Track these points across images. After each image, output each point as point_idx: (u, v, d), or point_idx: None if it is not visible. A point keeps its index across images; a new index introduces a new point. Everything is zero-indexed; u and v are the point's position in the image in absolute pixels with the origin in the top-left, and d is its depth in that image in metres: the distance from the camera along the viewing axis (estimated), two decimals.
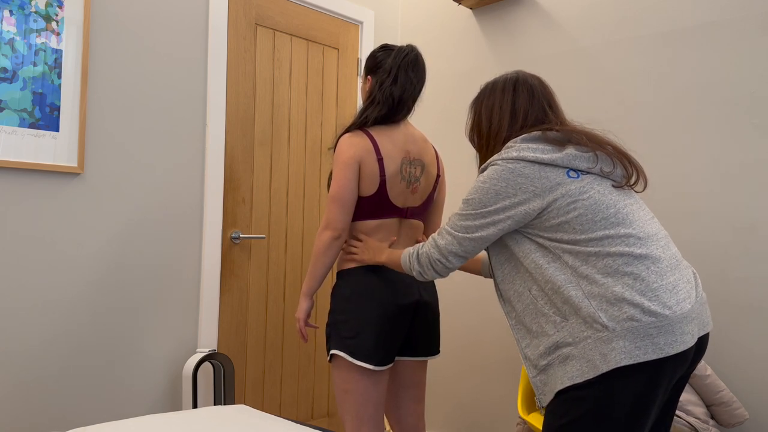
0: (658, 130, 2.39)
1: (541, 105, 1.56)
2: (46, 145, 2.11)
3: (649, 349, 1.29)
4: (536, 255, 1.43)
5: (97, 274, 2.25)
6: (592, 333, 1.32)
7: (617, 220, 1.39)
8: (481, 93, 1.63)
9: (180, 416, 1.71)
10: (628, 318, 1.30)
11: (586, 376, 1.32)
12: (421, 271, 1.61)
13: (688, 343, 1.33)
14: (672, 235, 2.33)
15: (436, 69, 3.19)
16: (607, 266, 1.35)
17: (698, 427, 2.00)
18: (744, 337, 2.16)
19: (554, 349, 1.38)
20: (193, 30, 2.50)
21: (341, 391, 1.87)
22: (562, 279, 1.37)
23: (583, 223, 1.38)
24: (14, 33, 2.04)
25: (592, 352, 1.32)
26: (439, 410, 3.10)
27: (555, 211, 1.40)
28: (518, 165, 1.43)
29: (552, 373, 1.39)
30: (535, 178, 1.42)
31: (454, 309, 3.06)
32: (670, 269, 1.38)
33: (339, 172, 1.84)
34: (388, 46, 1.97)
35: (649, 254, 1.37)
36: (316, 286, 1.91)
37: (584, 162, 1.44)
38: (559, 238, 1.40)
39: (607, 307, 1.32)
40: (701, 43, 2.29)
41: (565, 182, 1.42)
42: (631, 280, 1.33)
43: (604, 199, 1.41)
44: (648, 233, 1.41)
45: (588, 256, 1.37)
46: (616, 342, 1.30)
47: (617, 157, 1.48)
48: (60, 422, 2.17)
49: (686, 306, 1.35)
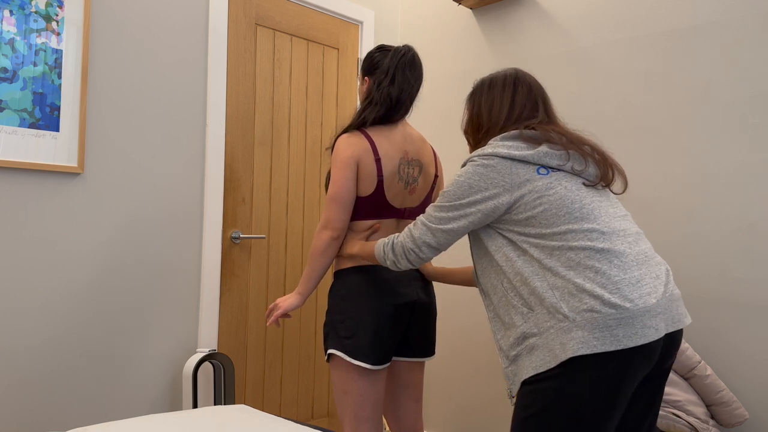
0: (658, 130, 2.39)
1: (535, 101, 1.62)
2: (46, 145, 2.11)
3: (607, 340, 1.32)
4: (507, 249, 1.48)
5: (97, 274, 2.25)
6: (555, 323, 1.36)
7: (581, 215, 1.43)
8: (479, 87, 1.68)
9: (180, 416, 1.71)
10: (588, 309, 1.33)
11: (547, 365, 1.36)
12: (395, 260, 1.65)
13: (650, 336, 1.34)
14: (672, 234, 2.33)
15: (436, 69, 3.19)
16: (569, 259, 1.39)
17: (698, 427, 2.00)
18: (744, 337, 2.16)
19: (522, 339, 1.42)
20: (193, 30, 2.50)
21: (339, 390, 1.87)
22: (529, 271, 1.42)
23: (548, 218, 1.43)
24: (14, 33, 2.04)
25: (554, 342, 1.36)
26: (437, 411, 3.10)
27: (523, 206, 1.46)
28: (492, 161, 1.49)
29: (520, 363, 1.43)
30: (506, 173, 1.48)
31: (453, 310, 3.06)
32: (635, 264, 1.40)
33: (337, 172, 1.85)
34: (385, 47, 1.97)
35: (612, 249, 1.40)
36: (313, 286, 1.91)
37: (555, 159, 1.49)
38: (527, 232, 1.45)
39: (569, 298, 1.36)
40: (701, 43, 2.29)
41: (534, 178, 1.47)
42: (593, 273, 1.37)
43: (570, 195, 1.45)
44: (613, 229, 1.44)
45: (552, 250, 1.41)
46: (575, 332, 1.33)
47: (593, 157, 1.52)
48: (60, 422, 2.17)
49: (650, 300, 1.36)
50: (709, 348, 2.24)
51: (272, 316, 1.91)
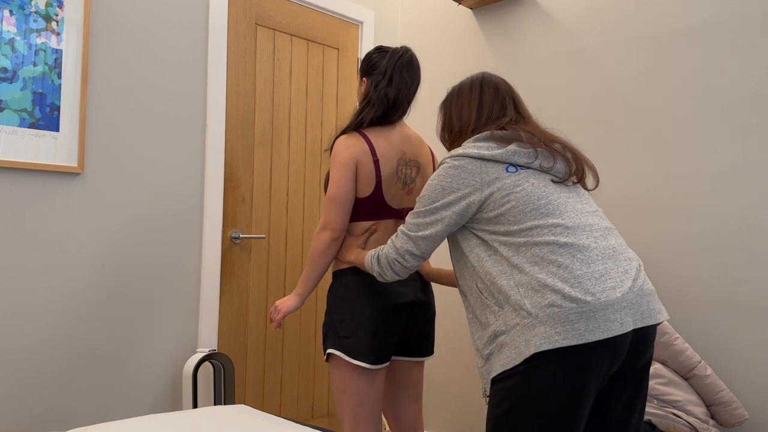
0: (658, 130, 2.39)
1: (503, 100, 1.65)
2: (46, 145, 2.11)
3: (569, 335, 1.32)
4: (479, 249, 1.50)
5: (96, 274, 2.25)
6: (520, 320, 1.37)
7: (547, 210, 1.45)
8: (451, 94, 1.73)
9: (180, 416, 1.71)
10: (549, 304, 1.34)
11: (513, 362, 1.36)
12: (380, 272, 1.67)
13: (613, 331, 1.34)
14: (671, 234, 2.33)
15: (436, 69, 3.19)
16: (534, 255, 1.40)
17: (698, 427, 2.00)
18: (744, 337, 2.16)
19: (493, 338, 1.43)
20: (193, 30, 2.50)
21: (339, 390, 1.88)
22: (498, 270, 1.44)
23: (515, 215, 1.45)
24: (14, 33, 2.04)
25: (519, 339, 1.36)
26: (437, 410, 3.10)
27: (492, 204, 1.48)
28: (462, 161, 1.52)
29: (492, 361, 1.44)
30: (475, 173, 1.50)
31: (452, 310, 3.06)
32: (600, 258, 1.40)
33: (336, 173, 1.85)
34: (383, 48, 1.98)
35: (576, 243, 1.40)
36: (312, 287, 1.91)
37: (523, 157, 1.51)
38: (496, 230, 1.47)
39: (532, 294, 1.37)
40: (701, 43, 2.29)
41: (503, 176, 1.49)
42: (555, 267, 1.37)
43: (537, 191, 1.47)
44: (578, 224, 1.44)
45: (519, 247, 1.43)
46: (538, 328, 1.34)
47: (561, 154, 1.54)
48: (60, 422, 2.17)
49: (614, 294, 1.36)
50: (709, 348, 2.24)
51: (275, 321, 1.92)
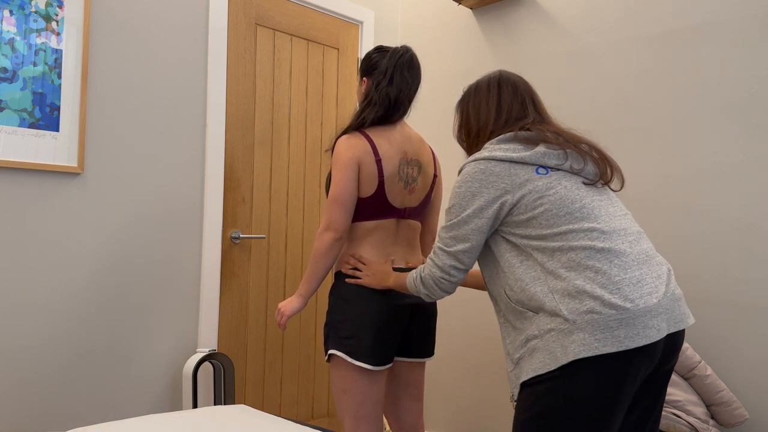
0: (658, 130, 2.39)
1: (523, 99, 1.61)
2: (46, 145, 2.11)
3: (608, 342, 1.30)
4: (510, 255, 1.47)
5: (96, 274, 2.25)
6: (555, 326, 1.35)
7: (582, 215, 1.42)
8: (467, 93, 1.69)
9: (180, 416, 1.71)
10: (589, 311, 1.32)
11: (547, 367, 1.34)
12: (428, 293, 1.62)
13: (651, 337, 1.33)
14: (671, 234, 2.33)
15: (436, 69, 3.19)
16: (570, 260, 1.38)
17: (698, 427, 2.00)
18: (744, 337, 2.16)
19: (525, 342, 1.41)
20: (193, 30, 2.50)
21: (340, 390, 1.87)
22: (530, 277, 1.41)
23: (549, 218, 1.42)
24: (14, 33, 2.04)
25: (554, 345, 1.34)
26: (438, 411, 3.10)
27: (523, 207, 1.44)
28: (489, 164, 1.48)
29: (522, 365, 1.42)
30: (504, 175, 1.46)
31: (453, 310, 3.06)
32: (636, 263, 1.39)
33: (339, 173, 1.85)
34: (383, 48, 1.98)
35: (613, 248, 1.38)
36: (314, 288, 1.90)
37: (553, 159, 1.48)
38: (528, 234, 1.44)
39: (568, 301, 1.34)
40: (701, 43, 2.29)
41: (533, 179, 1.46)
42: (593, 273, 1.35)
43: (570, 194, 1.44)
44: (614, 228, 1.42)
45: (553, 252, 1.40)
46: (577, 334, 1.32)
47: (590, 155, 1.51)
48: (60, 422, 2.17)
49: (651, 300, 1.35)
50: (709, 348, 2.24)
51: (281, 324, 1.91)
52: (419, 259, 2.02)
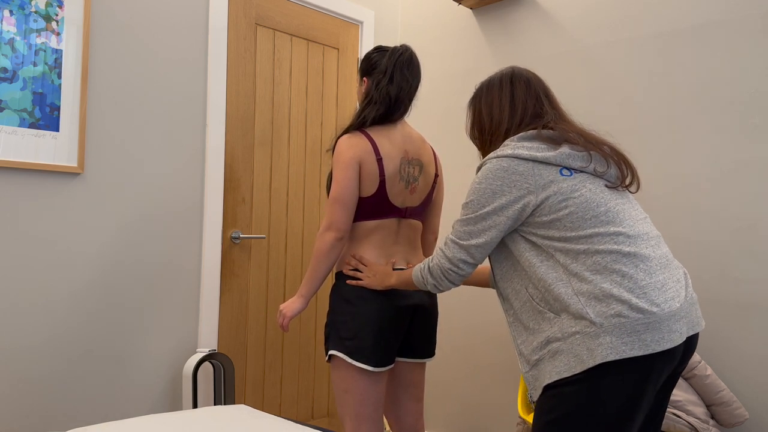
0: (658, 130, 2.39)
1: (537, 96, 1.59)
2: (46, 145, 2.11)
3: (635, 345, 1.31)
4: (530, 254, 1.45)
5: (97, 274, 2.25)
6: (581, 329, 1.34)
7: (608, 218, 1.41)
8: (479, 90, 1.66)
9: (180, 416, 1.71)
10: (616, 314, 1.32)
11: (572, 370, 1.34)
12: (435, 283, 1.60)
13: (675, 341, 1.34)
14: (672, 234, 2.33)
15: (436, 69, 3.19)
16: (596, 263, 1.37)
17: (698, 427, 2.00)
18: (744, 337, 2.16)
19: (546, 344, 1.40)
20: (193, 30, 2.50)
21: (340, 390, 1.87)
22: (553, 277, 1.40)
23: (573, 221, 1.40)
24: (14, 33, 2.04)
25: (580, 347, 1.34)
26: (439, 411, 3.10)
27: (547, 209, 1.42)
28: (512, 162, 1.45)
29: (542, 368, 1.41)
30: (528, 175, 1.44)
31: (454, 310, 3.06)
32: (659, 268, 1.39)
33: (340, 173, 1.84)
34: (382, 48, 1.98)
35: (638, 252, 1.38)
36: (315, 288, 1.90)
37: (578, 161, 1.46)
38: (551, 235, 1.42)
39: (595, 304, 1.34)
40: (701, 43, 2.30)
41: (558, 180, 1.44)
42: (620, 277, 1.35)
43: (596, 197, 1.43)
44: (638, 232, 1.42)
45: (578, 254, 1.39)
46: (603, 337, 1.32)
47: (612, 158, 1.49)
48: (60, 422, 2.17)
49: (675, 304, 1.36)
50: (709, 348, 2.24)
51: (284, 326, 1.91)
52: (420, 259, 2.02)
